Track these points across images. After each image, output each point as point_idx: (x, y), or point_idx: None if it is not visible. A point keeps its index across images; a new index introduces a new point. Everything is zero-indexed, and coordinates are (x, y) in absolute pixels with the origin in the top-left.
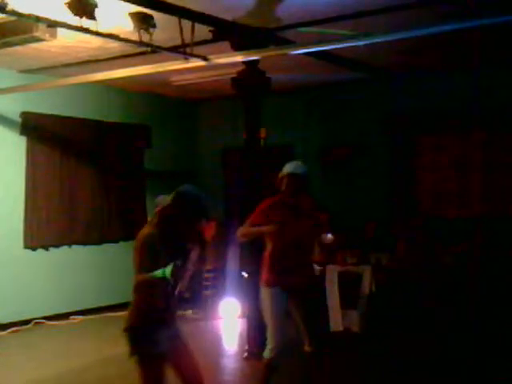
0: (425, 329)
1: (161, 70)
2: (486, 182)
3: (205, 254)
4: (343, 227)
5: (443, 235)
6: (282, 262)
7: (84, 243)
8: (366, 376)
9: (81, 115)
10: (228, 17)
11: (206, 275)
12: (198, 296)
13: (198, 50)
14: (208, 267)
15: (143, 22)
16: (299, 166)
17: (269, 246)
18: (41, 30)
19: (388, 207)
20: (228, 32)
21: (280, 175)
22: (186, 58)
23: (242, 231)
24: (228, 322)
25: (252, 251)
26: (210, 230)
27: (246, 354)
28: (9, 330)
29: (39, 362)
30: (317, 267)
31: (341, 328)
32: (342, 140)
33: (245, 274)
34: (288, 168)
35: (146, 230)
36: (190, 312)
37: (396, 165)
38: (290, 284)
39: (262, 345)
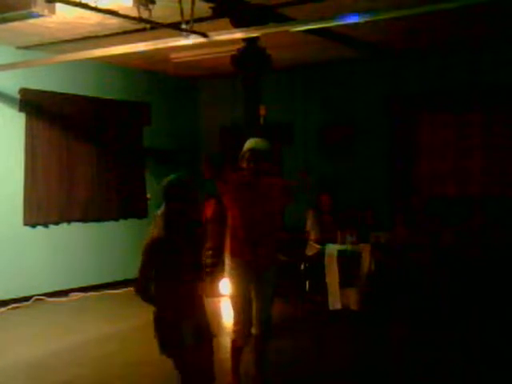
0: (424, 307)
1: (160, 46)
2: (486, 162)
3: (206, 231)
4: (343, 206)
5: (443, 215)
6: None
7: (83, 220)
8: (364, 354)
9: (80, 92)
10: None
11: (207, 253)
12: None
13: (197, 26)
14: (208, 245)
15: None
16: (260, 142)
17: (229, 222)
18: (39, 6)
19: (388, 186)
20: (228, 9)
21: (242, 152)
22: (185, 35)
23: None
24: (227, 300)
25: None
26: (209, 208)
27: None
28: (9, 307)
29: (39, 338)
30: (316, 246)
31: (339, 306)
32: (342, 119)
33: None
34: (249, 144)
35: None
36: None
37: (396, 144)
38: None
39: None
